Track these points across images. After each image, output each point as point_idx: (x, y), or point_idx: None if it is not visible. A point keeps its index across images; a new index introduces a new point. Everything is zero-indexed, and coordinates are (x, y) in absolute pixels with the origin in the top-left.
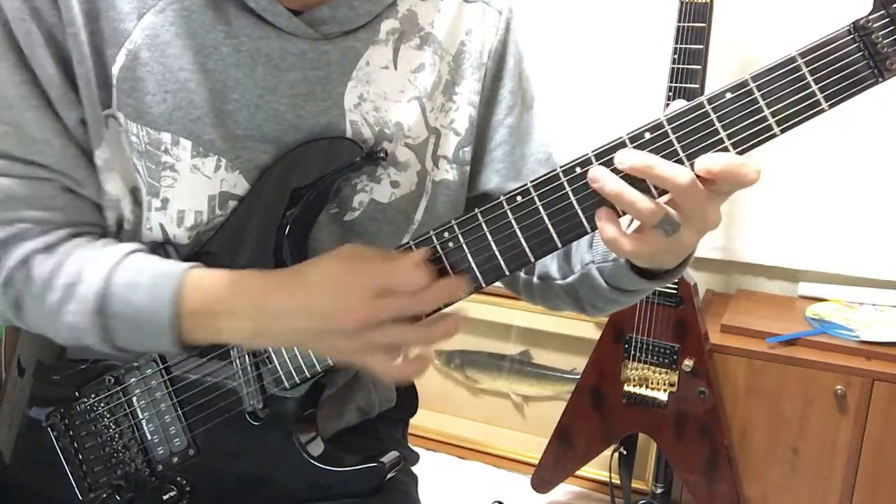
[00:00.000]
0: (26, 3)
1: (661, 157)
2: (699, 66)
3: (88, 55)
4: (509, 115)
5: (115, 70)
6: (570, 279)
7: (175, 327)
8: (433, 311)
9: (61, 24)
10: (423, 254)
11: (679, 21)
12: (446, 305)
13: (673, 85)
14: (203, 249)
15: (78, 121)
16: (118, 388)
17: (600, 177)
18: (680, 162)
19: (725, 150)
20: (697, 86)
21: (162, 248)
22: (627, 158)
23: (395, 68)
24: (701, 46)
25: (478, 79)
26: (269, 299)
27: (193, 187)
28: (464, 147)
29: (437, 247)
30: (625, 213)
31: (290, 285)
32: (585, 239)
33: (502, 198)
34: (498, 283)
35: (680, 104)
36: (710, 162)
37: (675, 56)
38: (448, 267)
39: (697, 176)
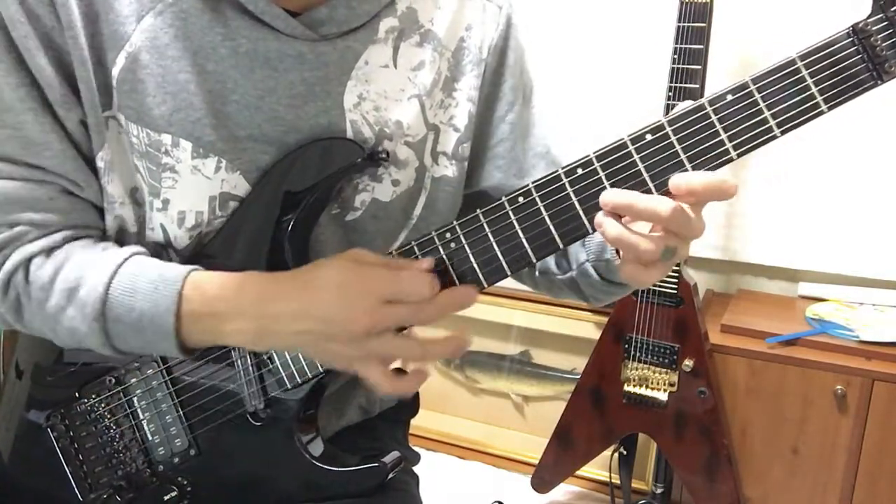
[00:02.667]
0: (23, 6)
1: (662, 158)
2: (699, 66)
3: (88, 58)
4: (510, 112)
5: (115, 72)
6: (569, 274)
7: (177, 331)
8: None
9: (60, 27)
10: (430, 262)
11: (679, 21)
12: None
13: (673, 85)
14: (203, 251)
15: (78, 122)
16: (119, 389)
17: (603, 222)
18: (680, 164)
19: (726, 151)
20: (697, 86)
21: (164, 250)
22: (610, 198)
23: (395, 66)
24: (701, 46)
25: (477, 75)
26: (271, 301)
27: (194, 188)
28: (463, 143)
29: (444, 255)
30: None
31: (293, 288)
32: None
33: (504, 198)
34: (498, 283)
35: (682, 106)
36: (691, 181)
37: (675, 56)
38: (454, 275)
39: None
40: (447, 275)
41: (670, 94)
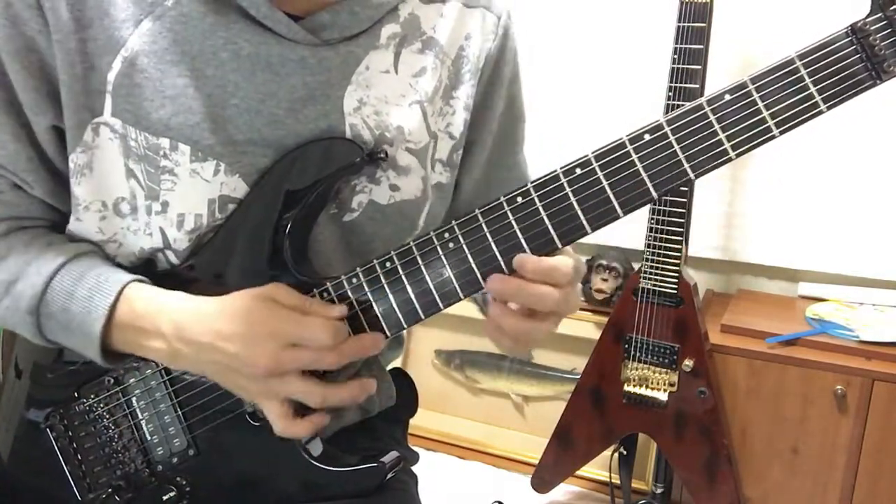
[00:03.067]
0: (8, 10)
1: (661, 158)
2: (699, 66)
3: (77, 62)
4: (496, 122)
5: (110, 77)
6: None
7: (102, 341)
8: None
9: (47, 31)
10: (341, 310)
11: (679, 21)
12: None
13: (673, 85)
14: (203, 252)
15: (48, 127)
16: (118, 389)
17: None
18: (679, 164)
19: (725, 151)
20: (697, 86)
21: (161, 253)
22: (497, 284)
23: (396, 72)
24: (701, 46)
25: (473, 84)
26: (186, 328)
27: (193, 191)
28: (457, 150)
29: (440, 246)
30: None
31: (208, 319)
32: None
33: (502, 198)
34: None
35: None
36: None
37: (675, 56)
38: (363, 320)
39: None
40: (359, 308)
41: (670, 94)
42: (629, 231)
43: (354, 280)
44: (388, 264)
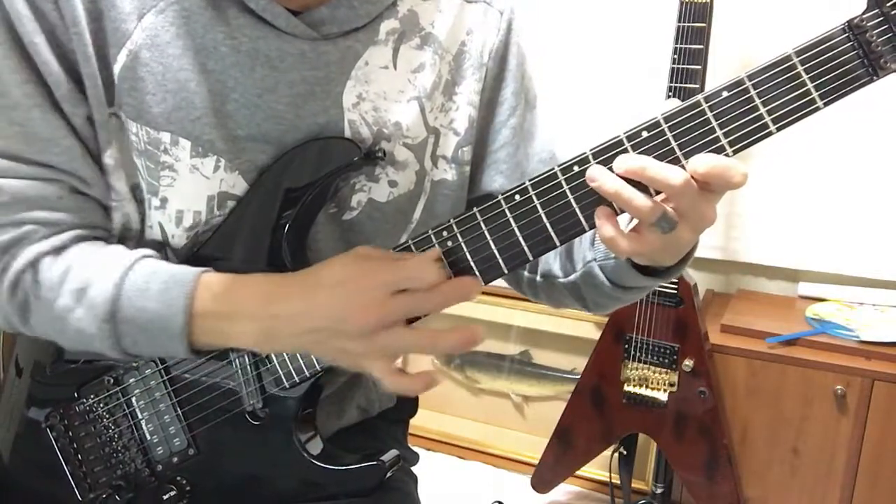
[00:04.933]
0: (28, 2)
1: (658, 155)
2: (699, 66)
3: (93, 54)
4: (512, 116)
5: (116, 69)
6: (572, 277)
7: (187, 333)
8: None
9: (64, 24)
10: (435, 252)
11: (679, 21)
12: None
13: (673, 85)
14: (201, 250)
15: (85, 119)
16: (117, 389)
17: (598, 175)
18: (676, 160)
19: (722, 148)
20: (697, 86)
21: (162, 248)
22: (623, 162)
23: (395, 68)
24: (701, 46)
25: (478, 79)
26: (277, 303)
27: (192, 187)
28: (463, 147)
29: (438, 244)
30: (623, 212)
31: (298, 288)
32: (587, 236)
33: (500, 197)
34: (498, 283)
35: (676, 102)
36: (696, 164)
37: (675, 56)
38: (449, 270)
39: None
40: (450, 258)
41: (670, 94)
42: None
43: None
44: None
